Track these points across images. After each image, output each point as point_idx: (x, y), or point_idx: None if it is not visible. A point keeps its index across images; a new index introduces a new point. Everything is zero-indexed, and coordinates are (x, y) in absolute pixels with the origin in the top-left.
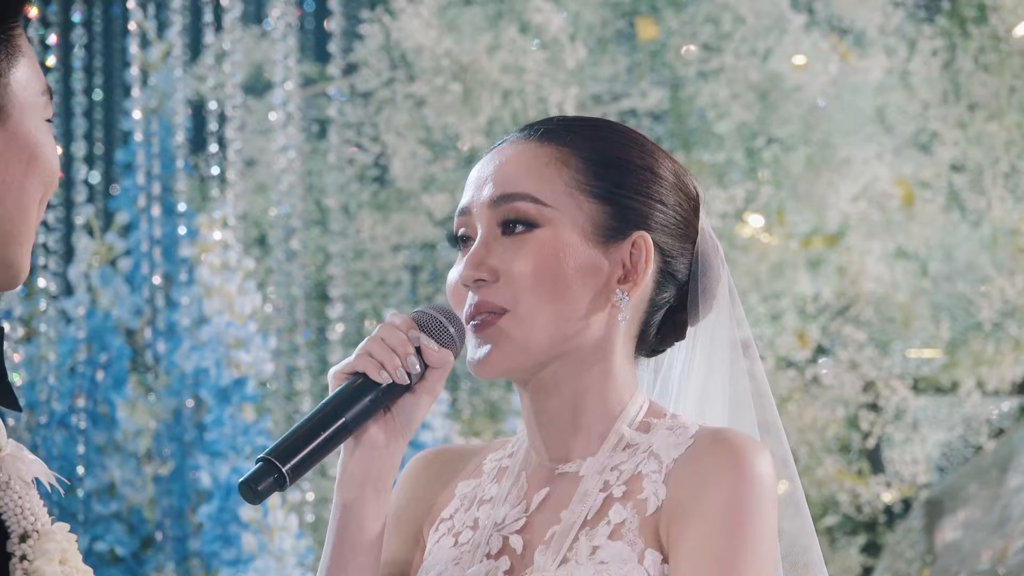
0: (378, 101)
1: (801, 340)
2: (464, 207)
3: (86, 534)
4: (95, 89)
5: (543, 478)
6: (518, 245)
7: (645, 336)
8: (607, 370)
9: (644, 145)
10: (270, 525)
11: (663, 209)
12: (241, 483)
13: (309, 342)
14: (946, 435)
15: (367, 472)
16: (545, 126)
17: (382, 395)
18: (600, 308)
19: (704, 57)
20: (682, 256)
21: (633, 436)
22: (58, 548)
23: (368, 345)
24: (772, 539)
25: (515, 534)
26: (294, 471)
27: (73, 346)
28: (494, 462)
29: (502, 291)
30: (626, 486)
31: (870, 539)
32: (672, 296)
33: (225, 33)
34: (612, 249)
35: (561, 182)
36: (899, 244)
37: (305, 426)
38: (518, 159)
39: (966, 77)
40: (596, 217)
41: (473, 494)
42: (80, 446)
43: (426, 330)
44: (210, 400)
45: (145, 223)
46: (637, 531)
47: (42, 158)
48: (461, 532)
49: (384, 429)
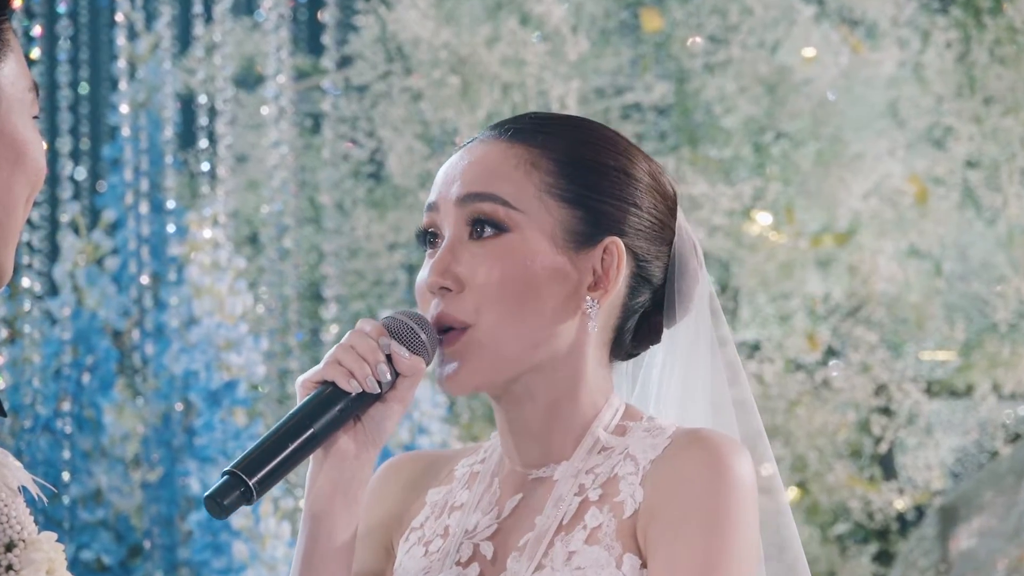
0: (373, 95)
1: (811, 342)
2: (432, 203)
3: (72, 542)
4: (81, 82)
5: (516, 484)
6: (485, 251)
7: (620, 341)
8: (579, 378)
9: (618, 145)
10: (262, 533)
11: (637, 212)
12: (206, 497)
13: (302, 344)
14: (961, 440)
15: (337, 483)
16: (515, 125)
17: (352, 404)
18: (569, 316)
19: (710, 49)
20: (657, 260)
21: (608, 439)
22: (45, 558)
23: (337, 353)
24: (753, 539)
25: (486, 541)
26: (261, 484)
27: (58, 348)
28: (465, 467)
29: (466, 303)
30: (602, 489)
31: (882, 548)
32: (647, 300)
33: (215, 24)
34: (582, 255)
35: (531, 185)
36: (912, 243)
37: (272, 437)
38: (487, 159)
39: (981, 70)
40: (566, 222)
41: (444, 501)
42: (65, 451)
43: (397, 337)
44: (200, 404)
45: (133, 221)
46: (614, 535)
47: (29, 156)
48: (432, 540)
49: (354, 439)
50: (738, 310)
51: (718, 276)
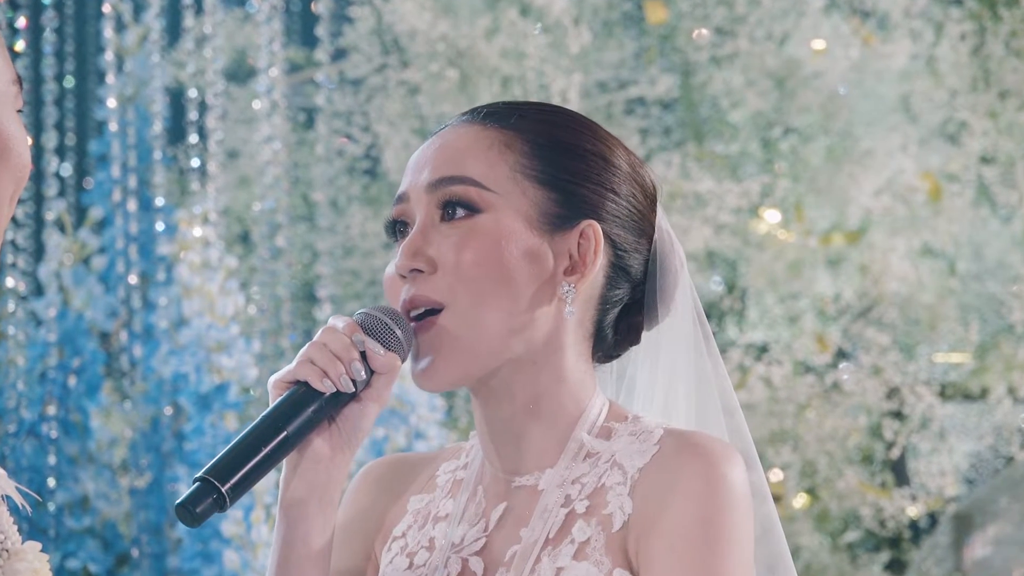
0: (369, 88)
1: (820, 344)
2: (402, 193)
3: (57, 551)
4: (67, 76)
5: (500, 492)
6: (457, 232)
7: (601, 337)
8: (560, 371)
9: (596, 131)
10: (254, 541)
11: (615, 199)
12: (178, 506)
13: (295, 345)
14: (975, 445)
15: (312, 487)
16: (489, 109)
17: (326, 405)
18: (545, 301)
19: (717, 42)
20: (636, 252)
21: (593, 444)
22: (29, 568)
23: (309, 351)
24: (748, 548)
25: (474, 555)
26: (234, 490)
27: (43, 350)
28: (448, 474)
29: (439, 283)
30: (589, 500)
31: (894, 556)
32: (626, 294)
33: (206, 16)
34: (558, 238)
35: (505, 166)
36: (925, 241)
37: (244, 441)
38: (459, 142)
39: (997, 63)
40: (541, 204)
41: (427, 510)
42: (51, 457)
43: (371, 333)
44: (190, 408)
45: (120, 219)
46: (603, 549)
47: (13, 152)
48: (416, 552)
49: (328, 441)
50: (745, 311)
51: (725, 275)
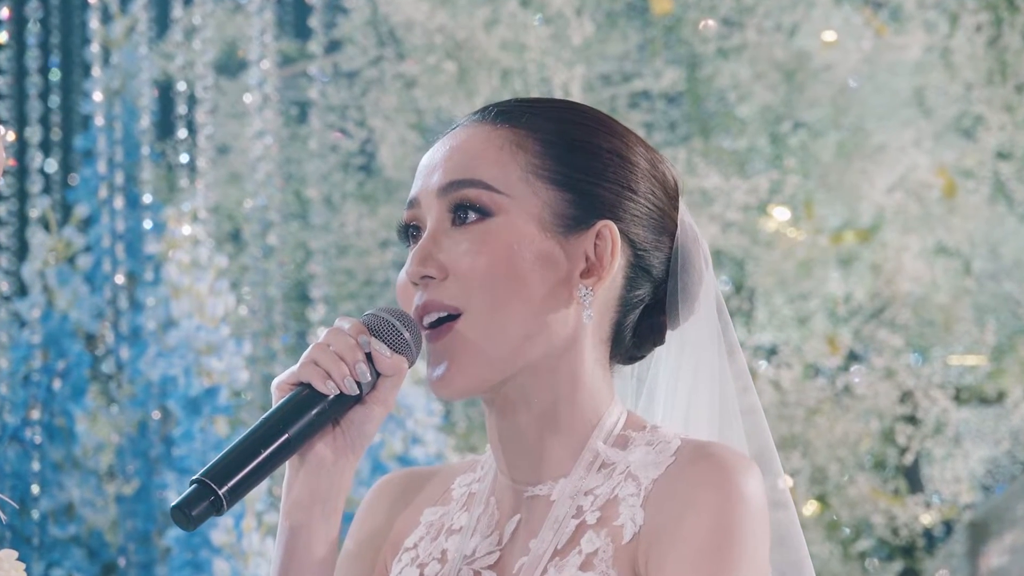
0: (364, 82)
1: (831, 345)
2: (413, 198)
3: (41, 560)
4: (52, 68)
5: (513, 503)
6: (469, 237)
7: (620, 339)
8: (577, 376)
9: (613, 128)
10: (244, 550)
11: (633, 197)
12: (173, 508)
13: (288, 347)
14: (991, 450)
15: (314, 493)
16: (500, 107)
17: (329, 408)
18: (562, 305)
19: (724, 33)
20: (657, 250)
21: (609, 454)
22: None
23: (313, 352)
24: (762, 560)
25: (488, 569)
26: (232, 494)
27: (27, 352)
28: (463, 487)
29: (452, 289)
30: (601, 512)
31: (908, 565)
32: (647, 294)
33: (195, 6)
34: (573, 240)
35: (516, 167)
36: (939, 239)
37: (244, 443)
38: (469, 143)
39: (1014, 55)
40: (555, 205)
41: (441, 523)
42: (35, 463)
43: (377, 334)
44: (178, 412)
45: (107, 216)
46: (611, 561)
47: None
48: (428, 564)
49: (332, 446)
50: (754, 311)
51: (732, 275)
